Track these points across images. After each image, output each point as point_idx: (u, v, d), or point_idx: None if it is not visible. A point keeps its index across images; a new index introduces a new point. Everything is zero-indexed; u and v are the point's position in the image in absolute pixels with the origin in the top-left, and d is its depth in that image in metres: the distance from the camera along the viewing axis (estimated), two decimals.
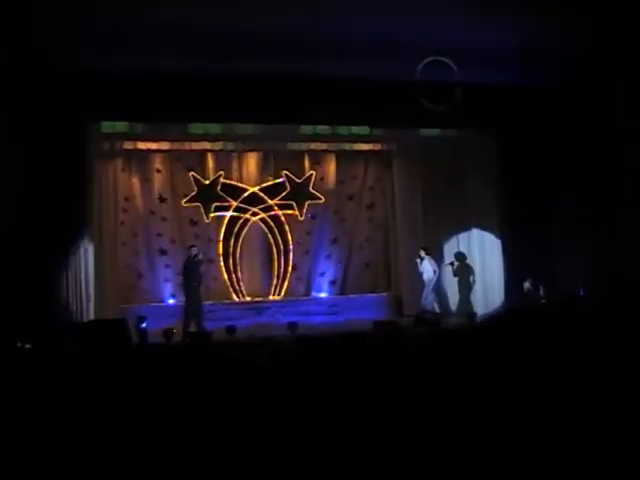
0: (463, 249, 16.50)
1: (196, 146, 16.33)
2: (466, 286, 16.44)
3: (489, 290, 15.76)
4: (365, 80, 13.88)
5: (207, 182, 16.79)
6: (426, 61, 12.89)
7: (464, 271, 16.50)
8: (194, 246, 15.05)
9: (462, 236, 16.56)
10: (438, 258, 16.74)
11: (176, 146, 16.24)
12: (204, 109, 13.58)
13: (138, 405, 3.61)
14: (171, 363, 4.89)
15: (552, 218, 15.18)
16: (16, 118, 12.08)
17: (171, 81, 13.27)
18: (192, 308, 14.30)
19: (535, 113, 15.22)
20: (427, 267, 16.02)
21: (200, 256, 14.78)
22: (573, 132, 14.25)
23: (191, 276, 14.50)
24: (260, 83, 13.51)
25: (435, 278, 16.02)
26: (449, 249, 16.77)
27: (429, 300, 15.90)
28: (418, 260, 16.14)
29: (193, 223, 16.89)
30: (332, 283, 17.69)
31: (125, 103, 13.21)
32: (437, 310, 15.82)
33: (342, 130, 15.42)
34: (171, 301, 16.30)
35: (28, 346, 7.34)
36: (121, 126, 14.31)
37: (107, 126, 14.27)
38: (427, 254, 16.09)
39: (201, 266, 14.77)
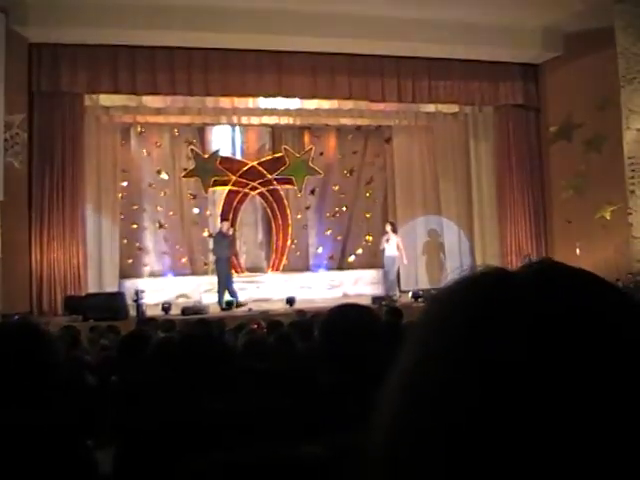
0: (462, 225, 16.44)
1: (195, 120, 16.27)
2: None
3: None
4: (364, 55, 13.85)
5: (206, 156, 16.72)
6: (425, 37, 12.87)
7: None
8: (226, 220, 15.03)
9: (462, 213, 16.49)
10: (438, 234, 16.78)
11: (175, 120, 16.17)
12: (202, 82, 13.54)
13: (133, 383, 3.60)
14: (165, 336, 4.89)
15: (552, 197, 15.18)
16: (11, 91, 12.00)
17: (169, 54, 13.23)
18: (221, 280, 14.16)
19: (534, 88, 15.20)
20: (391, 244, 15.11)
21: (230, 232, 14.62)
22: (572, 109, 14.20)
23: (220, 249, 14.27)
24: (259, 56, 13.48)
25: (397, 258, 15.14)
26: (448, 226, 16.72)
27: (392, 282, 15.19)
28: (384, 236, 15.44)
29: (192, 197, 16.88)
30: (330, 258, 17.69)
31: (123, 76, 13.18)
32: (397, 294, 14.96)
33: (342, 105, 15.32)
34: (169, 275, 16.30)
35: (17, 317, 7.33)
36: (120, 99, 14.22)
37: (105, 99, 14.19)
38: (394, 231, 15.35)
39: (229, 240, 14.57)
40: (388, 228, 15.40)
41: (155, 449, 2.24)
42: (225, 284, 14.00)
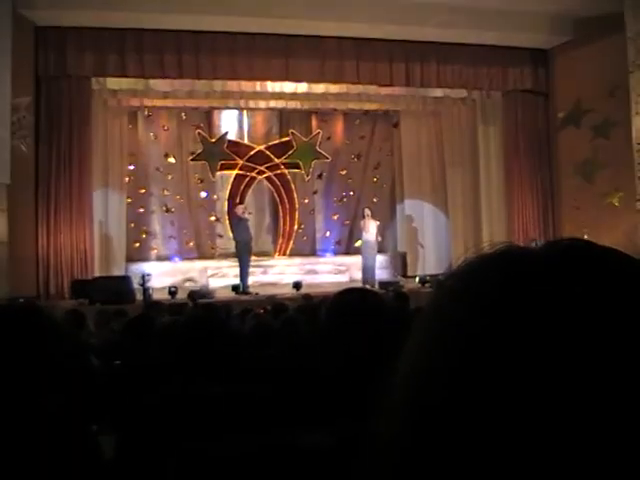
0: (469, 209, 16.36)
1: (203, 103, 16.22)
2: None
3: None
4: (373, 39, 13.78)
5: (213, 140, 16.71)
6: (434, 21, 12.80)
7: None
8: (241, 203, 15.07)
9: (469, 198, 16.42)
10: (445, 217, 16.74)
11: (182, 103, 16.13)
12: (209, 65, 13.50)
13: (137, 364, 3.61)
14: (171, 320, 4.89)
15: (560, 183, 15.13)
16: (18, 74, 11.97)
17: (177, 37, 13.18)
18: (242, 264, 14.18)
19: (543, 73, 15.14)
20: (371, 230, 14.95)
21: (246, 215, 14.57)
22: (581, 94, 14.13)
23: (240, 233, 14.26)
24: (266, 40, 13.42)
25: (375, 244, 15.02)
26: (454, 209, 16.64)
27: (372, 268, 14.97)
28: (362, 222, 15.35)
29: (199, 181, 16.87)
30: (338, 242, 17.68)
31: (130, 59, 13.14)
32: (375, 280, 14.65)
33: (350, 89, 15.25)
34: (176, 259, 16.31)
35: (22, 300, 7.33)
36: (127, 82, 14.19)
37: (112, 83, 14.16)
38: (372, 216, 15.21)
39: (246, 224, 14.50)
40: (367, 213, 15.32)
41: (156, 434, 2.23)
42: (245, 268, 14.01)
